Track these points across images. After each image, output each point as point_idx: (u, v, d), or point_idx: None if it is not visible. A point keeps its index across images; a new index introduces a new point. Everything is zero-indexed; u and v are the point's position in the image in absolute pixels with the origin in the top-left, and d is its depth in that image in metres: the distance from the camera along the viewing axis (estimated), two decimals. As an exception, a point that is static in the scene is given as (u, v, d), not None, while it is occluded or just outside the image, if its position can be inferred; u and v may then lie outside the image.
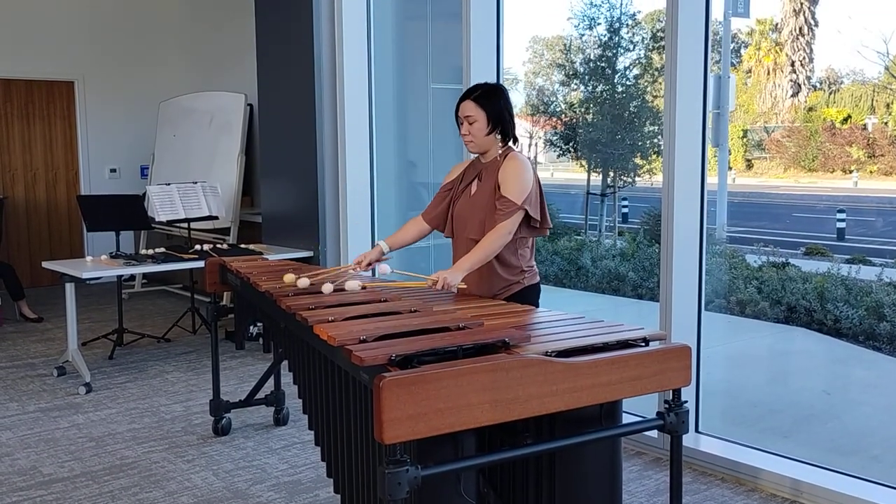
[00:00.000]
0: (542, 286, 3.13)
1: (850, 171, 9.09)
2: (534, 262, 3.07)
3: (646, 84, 9.83)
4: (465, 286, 2.83)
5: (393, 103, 5.87)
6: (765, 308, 6.48)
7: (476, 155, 3.07)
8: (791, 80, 11.01)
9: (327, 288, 2.74)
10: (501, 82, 4.67)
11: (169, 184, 6.15)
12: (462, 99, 2.96)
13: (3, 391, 4.94)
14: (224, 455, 3.90)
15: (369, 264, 3.09)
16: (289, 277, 2.94)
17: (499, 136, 2.96)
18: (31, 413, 4.54)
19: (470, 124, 2.93)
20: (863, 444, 4.31)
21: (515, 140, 3.02)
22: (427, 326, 2.17)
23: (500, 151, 2.98)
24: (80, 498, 3.43)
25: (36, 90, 8.34)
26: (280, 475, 3.66)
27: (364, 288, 2.81)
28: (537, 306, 2.98)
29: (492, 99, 2.93)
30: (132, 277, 8.15)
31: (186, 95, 8.01)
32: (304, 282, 2.84)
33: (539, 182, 2.95)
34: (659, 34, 9.40)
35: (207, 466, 3.76)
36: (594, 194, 9.99)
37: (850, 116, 9.41)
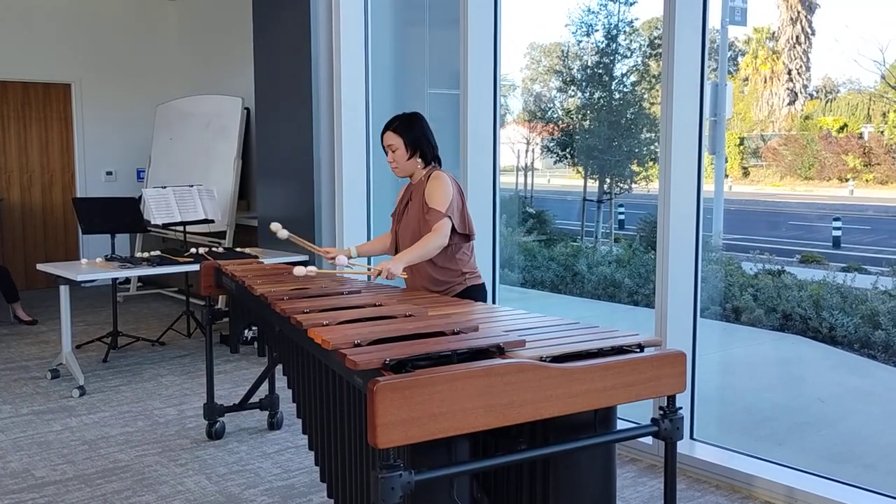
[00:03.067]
0: (538, 291, 3.21)
1: (847, 180, 9.10)
2: (475, 266, 3.31)
3: (643, 91, 9.85)
4: (405, 275, 3.10)
5: (390, 108, 5.87)
6: (760, 315, 6.48)
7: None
8: (788, 89, 11.03)
9: (299, 270, 3.00)
10: (498, 88, 4.70)
11: (165, 187, 6.15)
12: (384, 130, 3.26)
13: (-3, 393, 4.92)
14: (217, 459, 3.89)
15: (333, 258, 3.35)
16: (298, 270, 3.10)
17: (419, 160, 3.26)
18: (24, 416, 4.52)
19: (393, 152, 3.24)
20: (857, 452, 4.31)
21: (439, 162, 3.30)
22: (422, 331, 2.17)
23: (425, 172, 3.26)
24: (73, 501, 3.42)
25: (33, 92, 8.34)
26: (273, 480, 3.65)
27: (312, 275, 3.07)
28: None
29: (408, 127, 3.24)
30: (127, 280, 8.14)
31: (183, 99, 8.01)
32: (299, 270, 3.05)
33: (462, 194, 3.23)
34: (656, 41, 9.43)
35: (201, 470, 3.75)
36: (591, 201, 10.00)
37: (846, 125, 9.42)
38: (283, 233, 3.42)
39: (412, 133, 3.23)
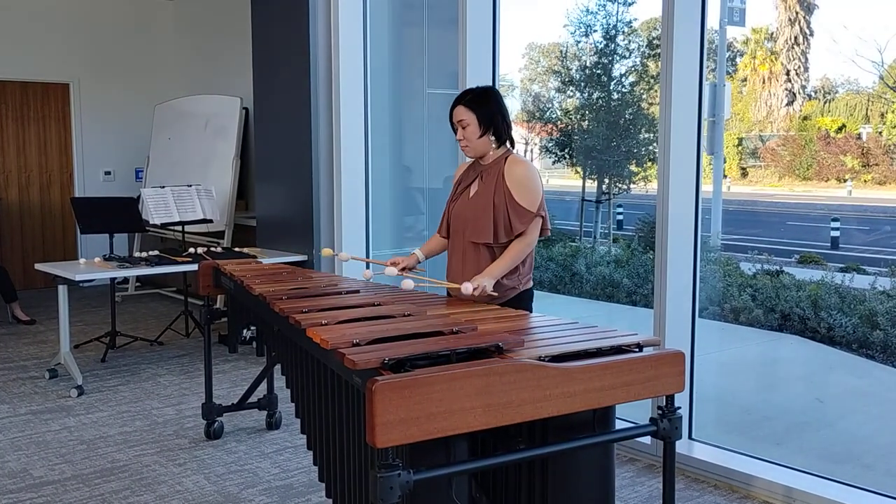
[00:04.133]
0: (537, 292, 3.14)
1: (845, 180, 9.11)
2: (531, 269, 3.09)
3: (641, 91, 9.86)
4: (496, 294, 2.85)
5: (388, 108, 5.88)
6: (759, 315, 6.49)
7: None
8: (786, 89, 11.05)
9: (391, 271, 2.76)
10: (497, 87, 4.69)
11: (163, 187, 6.14)
12: (454, 105, 2.98)
13: (-5, 393, 4.92)
14: (216, 459, 3.88)
15: (404, 268, 3.10)
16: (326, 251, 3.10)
17: (493, 138, 2.96)
18: (23, 415, 4.52)
19: (463, 128, 2.95)
20: (855, 452, 4.32)
21: (512, 143, 3.03)
22: (420, 330, 2.17)
23: (500, 153, 2.99)
24: (71, 501, 3.42)
25: (31, 92, 8.33)
26: (272, 479, 3.64)
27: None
28: (531, 310, 2.99)
29: (482, 102, 2.94)
30: (125, 280, 8.13)
31: (182, 98, 8.00)
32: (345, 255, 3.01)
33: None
34: (655, 42, 9.44)
35: (199, 470, 3.75)
36: (589, 201, 10.01)
37: (844, 126, 9.44)
38: (343, 255, 3.31)
39: (486, 108, 2.94)
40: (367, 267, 3.19)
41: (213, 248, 5.64)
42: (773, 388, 5.63)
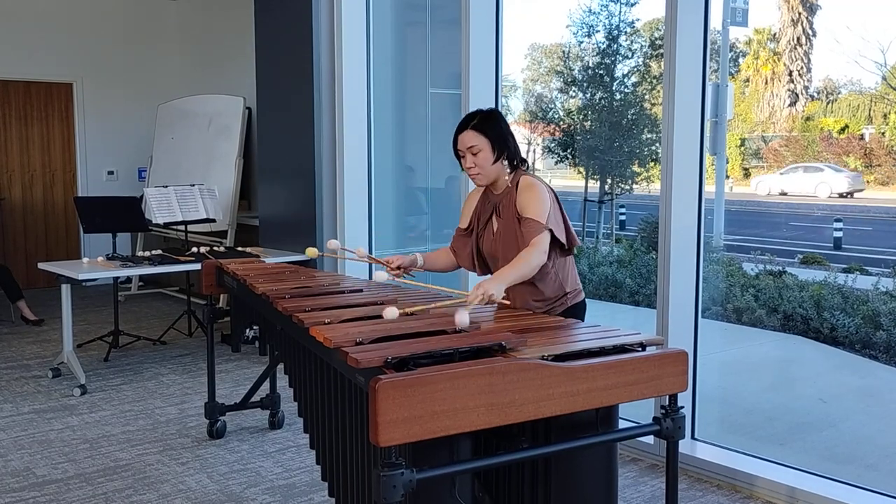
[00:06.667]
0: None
1: (847, 181, 9.09)
2: (578, 282, 2.88)
3: (644, 92, 9.85)
4: (508, 301, 2.57)
5: (391, 108, 5.88)
6: (761, 316, 6.48)
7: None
8: (789, 90, 11.02)
9: (380, 276, 2.71)
10: (500, 89, 4.70)
11: (166, 186, 6.15)
12: (459, 130, 2.77)
13: (-2, 392, 4.93)
14: (218, 458, 3.89)
15: (399, 268, 2.94)
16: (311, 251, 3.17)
17: (505, 163, 2.77)
18: (26, 414, 4.53)
19: (474, 155, 2.74)
20: (858, 453, 4.31)
21: (524, 161, 2.84)
22: (423, 329, 2.17)
23: (509, 179, 2.80)
24: (74, 500, 3.42)
25: (34, 91, 8.34)
26: (275, 479, 3.65)
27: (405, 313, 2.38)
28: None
29: (491, 123, 2.75)
30: (128, 279, 8.14)
31: (185, 98, 8.01)
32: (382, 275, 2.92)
33: (558, 200, 2.79)
34: (657, 42, 9.43)
35: (202, 469, 3.75)
36: (592, 201, 10.00)
37: (847, 126, 9.42)
38: (333, 243, 3.15)
39: (496, 130, 2.73)
40: (366, 261, 3.18)
41: (215, 248, 5.64)
42: (776, 389, 5.63)
